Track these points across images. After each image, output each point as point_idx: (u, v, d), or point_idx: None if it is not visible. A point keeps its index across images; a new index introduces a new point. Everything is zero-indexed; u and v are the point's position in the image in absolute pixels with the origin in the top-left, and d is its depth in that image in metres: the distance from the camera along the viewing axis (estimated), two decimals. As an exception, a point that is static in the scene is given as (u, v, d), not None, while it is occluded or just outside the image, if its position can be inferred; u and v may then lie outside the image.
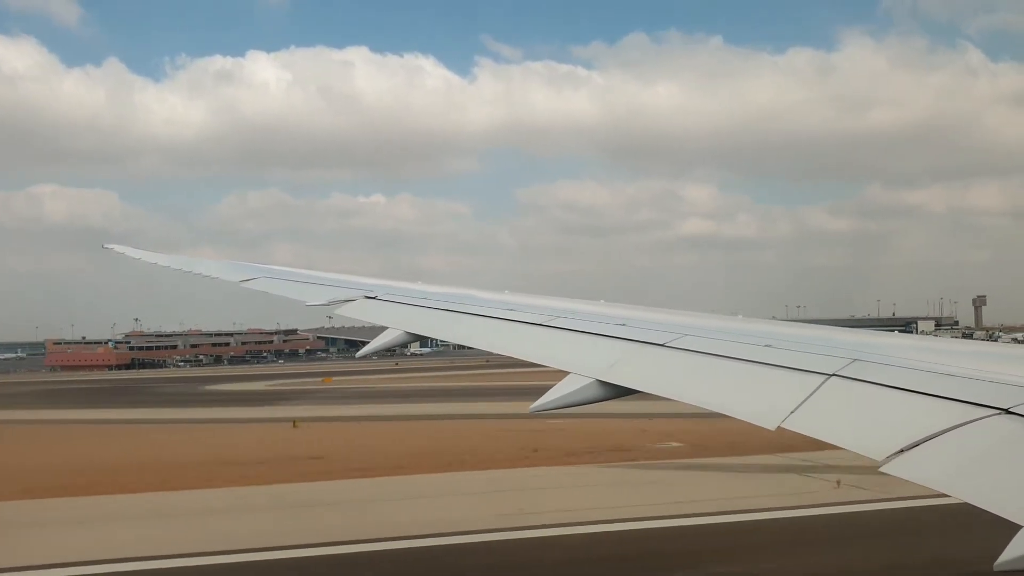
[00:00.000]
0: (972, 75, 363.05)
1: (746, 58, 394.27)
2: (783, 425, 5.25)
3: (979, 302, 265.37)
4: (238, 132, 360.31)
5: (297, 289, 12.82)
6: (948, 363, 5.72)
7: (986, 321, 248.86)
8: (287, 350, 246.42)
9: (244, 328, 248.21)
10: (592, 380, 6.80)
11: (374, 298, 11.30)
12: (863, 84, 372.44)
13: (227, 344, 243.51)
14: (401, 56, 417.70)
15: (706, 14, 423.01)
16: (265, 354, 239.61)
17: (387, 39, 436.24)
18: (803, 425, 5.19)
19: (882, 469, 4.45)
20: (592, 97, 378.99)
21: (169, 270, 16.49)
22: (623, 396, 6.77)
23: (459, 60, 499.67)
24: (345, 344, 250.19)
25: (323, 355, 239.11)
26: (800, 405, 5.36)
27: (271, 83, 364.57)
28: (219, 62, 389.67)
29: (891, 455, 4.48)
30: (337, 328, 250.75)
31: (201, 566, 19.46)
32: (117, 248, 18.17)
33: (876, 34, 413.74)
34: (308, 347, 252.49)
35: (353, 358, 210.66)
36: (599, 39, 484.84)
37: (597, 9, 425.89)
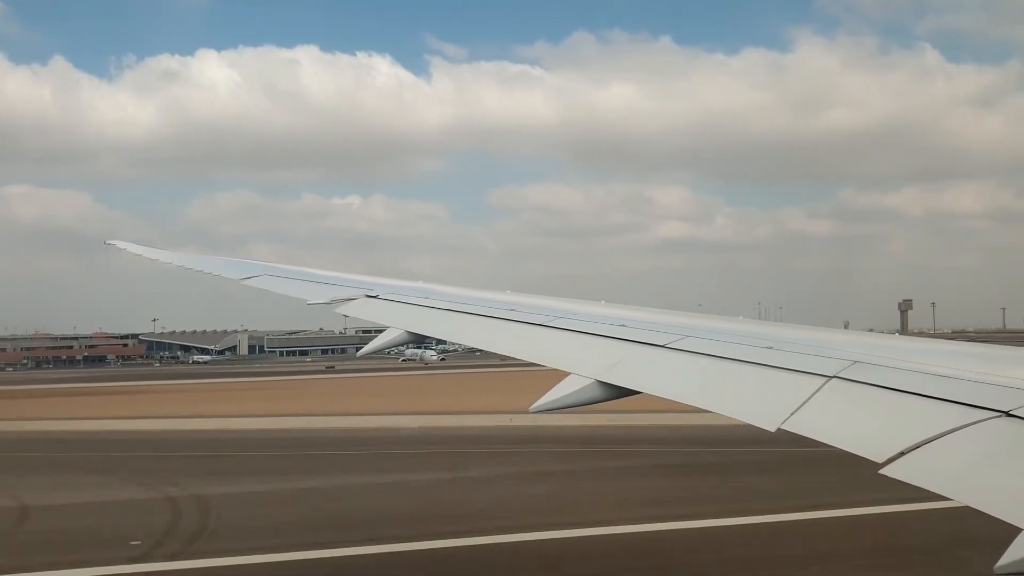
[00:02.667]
0: (928, 75, 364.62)
1: (698, 58, 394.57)
2: (783, 427, 5.24)
3: (905, 306, 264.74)
4: (194, 132, 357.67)
5: (298, 287, 12.80)
6: (949, 365, 5.71)
7: (916, 325, 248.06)
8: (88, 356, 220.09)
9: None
10: (592, 381, 6.80)
11: (375, 297, 11.30)
12: (820, 85, 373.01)
13: (3, 350, 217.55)
14: (353, 55, 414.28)
15: (649, 13, 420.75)
16: (25, 360, 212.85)
17: (335, 38, 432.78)
18: (803, 427, 5.18)
19: (883, 471, 4.44)
20: (550, 98, 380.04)
21: (171, 267, 16.52)
22: (623, 397, 6.77)
23: (412, 59, 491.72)
24: (180, 350, 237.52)
25: (111, 361, 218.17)
26: (800, 407, 5.34)
27: (225, 83, 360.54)
28: (166, 61, 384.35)
29: (891, 457, 4.47)
30: (170, 333, 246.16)
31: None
32: (119, 244, 18.19)
33: (828, 33, 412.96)
34: (129, 353, 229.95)
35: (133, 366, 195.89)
36: (542, 39, 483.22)
37: (537, 7, 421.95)
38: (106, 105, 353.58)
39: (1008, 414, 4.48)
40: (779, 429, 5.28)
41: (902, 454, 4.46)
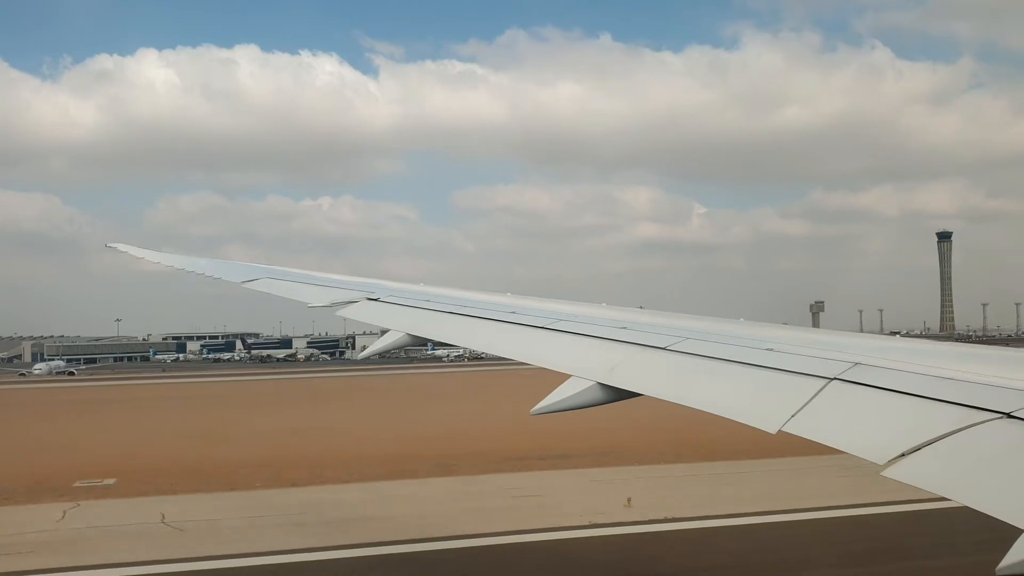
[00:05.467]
0: (880, 72, 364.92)
1: (643, 56, 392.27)
2: (784, 429, 5.25)
3: (816, 308, 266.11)
4: (143, 134, 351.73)
5: (300, 290, 12.82)
6: (949, 367, 5.71)
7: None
8: None
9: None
10: (594, 383, 6.80)
11: (376, 299, 11.31)
12: (770, 82, 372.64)
13: None
14: (297, 54, 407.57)
15: (580, 10, 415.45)
16: None
17: (272, 37, 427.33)
18: (804, 429, 5.18)
19: (884, 473, 4.45)
20: (500, 97, 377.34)
21: (172, 270, 16.53)
22: (624, 399, 6.77)
23: (355, 59, 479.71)
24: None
25: None
26: (801, 409, 5.35)
27: (171, 84, 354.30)
28: (105, 61, 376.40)
29: (893, 459, 4.48)
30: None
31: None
32: (121, 247, 18.21)
33: (770, 29, 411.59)
34: None
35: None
36: (475, 36, 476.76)
37: (466, 4, 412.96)
38: (48, 106, 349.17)
39: (1009, 415, 4.48)
40: (780, 431, 5.29)
41: (903, 456, 4.47)
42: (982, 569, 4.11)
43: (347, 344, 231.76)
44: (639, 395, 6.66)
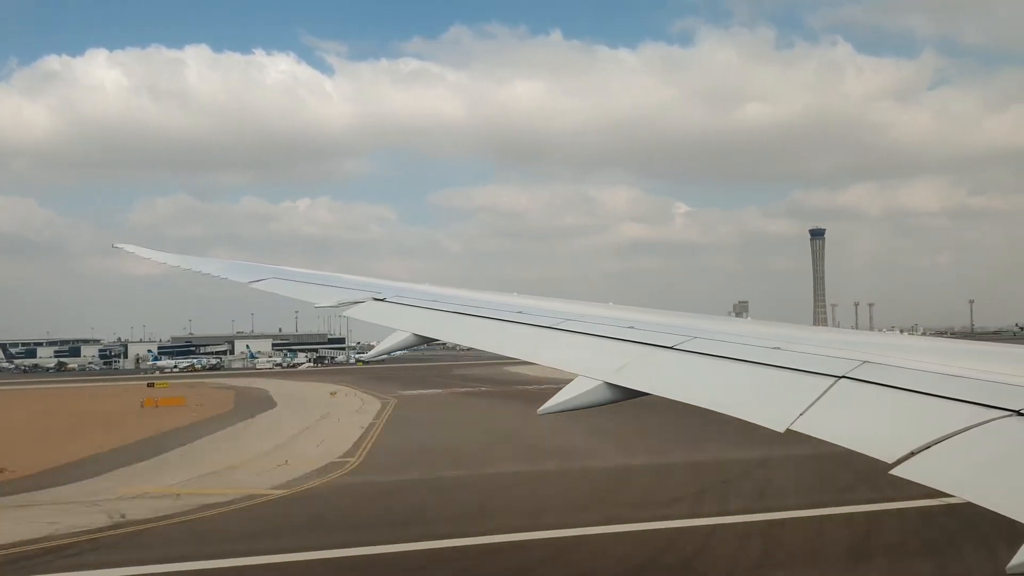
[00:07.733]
0: (840, 69, 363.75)
1: (596, 53, 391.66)
2: (792, 427, 5.24)
3: (739, 308, 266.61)
4: (107, 135, 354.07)
5: (307, 290, 12.84)
6: (959, 365, 5.70)
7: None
8: None
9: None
10: (601, 382, 6.80)
11: (383, 300, 11.31)
12: (731, 79, 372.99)
13: None
14: (251, 54, 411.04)
15: (522, 4, 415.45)
16: None
17: (224, 36, 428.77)
18: (813, 427, 5.17)
19: (893, 471, 4.44)
20: (461, 96, 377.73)
21: (179, 270, 16.57)
22: (632, 398, 6.77)
23: (308, 57, 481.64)
24: None
25: None
26: (809, 407, 5.34)
27: (131, 85, 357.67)
28: (57, 62, 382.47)
29: (902, 457, 4.47)
30: None
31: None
32: (128, 248, 18.27)
33: (720, 24, 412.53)
34: None
35: None
36: (418, 33, 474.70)
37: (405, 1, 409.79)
38: (1, 107, 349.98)
39: (1019, 413, 4.47)
40: (788, 430, 5.28)
41: (912, 454, 4.46)
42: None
43: (115, 354, 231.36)
44: (646, 394, 6.66)
